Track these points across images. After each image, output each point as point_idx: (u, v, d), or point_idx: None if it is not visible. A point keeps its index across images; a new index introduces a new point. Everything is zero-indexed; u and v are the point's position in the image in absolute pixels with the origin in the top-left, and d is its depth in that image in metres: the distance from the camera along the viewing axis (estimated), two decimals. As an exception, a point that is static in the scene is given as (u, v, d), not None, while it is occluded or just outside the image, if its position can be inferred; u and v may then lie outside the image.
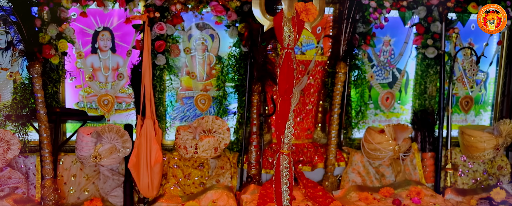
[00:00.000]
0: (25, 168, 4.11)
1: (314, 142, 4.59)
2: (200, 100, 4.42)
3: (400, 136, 4.22)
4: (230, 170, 4.27)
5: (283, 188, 2.88)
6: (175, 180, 4.20)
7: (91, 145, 3.83)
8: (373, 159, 4.37)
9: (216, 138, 4.05)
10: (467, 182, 4.65)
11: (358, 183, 4.42)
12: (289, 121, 2.85)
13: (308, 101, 4.55)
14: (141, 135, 3.87)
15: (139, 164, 3.86)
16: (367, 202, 4.09)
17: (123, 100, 4.35)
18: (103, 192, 4.12)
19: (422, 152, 4.64)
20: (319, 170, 4.51)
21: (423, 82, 4.66)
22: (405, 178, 4.48)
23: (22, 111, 4.00)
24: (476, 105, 4.94)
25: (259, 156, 4.30)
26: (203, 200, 4.00)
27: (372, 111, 4.75)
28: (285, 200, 2.89)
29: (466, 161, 4.66)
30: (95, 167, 4.14)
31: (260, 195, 4.01)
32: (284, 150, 2.88)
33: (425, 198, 4.20)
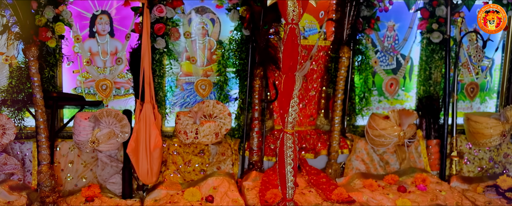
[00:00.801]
0: (21, 155, 4.00)
1: (317, 129, 4.50)
2: (201, 85, 4.32)
3: (405, 121, 4.13)
4: (231, 157, 4.18)
5: (287, 169, 2.78)
6: (175, 167, 4.10)
7: (88, 129, 3.73)
8: (377, 146, 4.28)
9: (217, 123, 3.96)
10: (473, 170, 4.56)
11: (362, 170, 4.32)
12: (293, 99, 2.75)
13: (310, 87, 4.46)
14: (140, 120, 3.77)
15: (138, 150, 3.76)
16: (371, 189, 3.99)
17: (122, 85, 4.26)
18: (101, 179, 4.01)
19: (427, 139, 4.55)
20: (322, 158, 4.42)
21: (427, 67, 4.58)
22: (410, 165, 4.39)
23: (18, 96, 3.90)
24: (482, 92, 4.85)
25: (261, 142, 4.20)
26: (204, 186, 3.91)
27: (376, 98, 4.66)
28: (289, 181, 2.80)
29: (471, 149, 4.57)
30: (93, 153, 4.04)
31: (262, 181, 3.91)
32: (288, 130, 2.78)
33: (431, 185, 4.11)
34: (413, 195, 3.91)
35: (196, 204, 3.67)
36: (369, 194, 3.89)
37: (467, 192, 4.16)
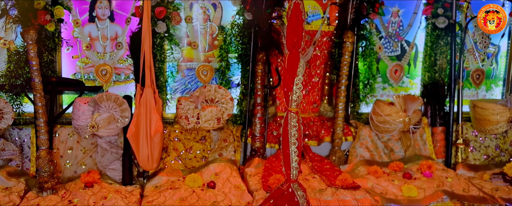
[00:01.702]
0: (19, 141, 3.94)
1: (321, 115, 4.43)
2: (202, 71, 4.25)
3: (410, 107, 4.06)
4: (233, 143, 4.11)
5: (292, 149, 2.71)
6: (176, 154, 4.03)
7: (88, 114, 3.66)
8: (382, 132, 4.21)
9: (219, 108, 3.88)
10: (478, 158, 4.48)
11: (366, 158, 4.25)
12: (297, 77, 2.68)
13: (314, 73, 4.39)
14: (141, 105, 3.70)
15: (138, 134, 3.68)
16: (376, 175, 3.91)
17: (122, 71, 4.19)
18: (100, 166, 3.94)
19: (432, 126, 4.48)
20: (326, 145, 4.35)
21: (433, 54, 4.50)
22: (415, 153, 4.32)
23: (16, 81, 3.83)
24: (487, 79, 4.78)
25: (263, 128, 4.13)
26: (206, 173, 3.83)
27: (380, 85, 4.59)
28: (293, 162, 2.72)
29: (477, 136, 4.50)
30: (92, 138, 3.96)
31: (265, 168, 3.84)
32: (292, 108, 2.71)
33: (437, 172, 4.03)
34: (419, 182, 3.83)
35: (198, 190, 3.60)
36: (374, 180, 3.82)
37: (473, 180, 4.08)
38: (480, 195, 3.73)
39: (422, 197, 3.65)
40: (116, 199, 3.43)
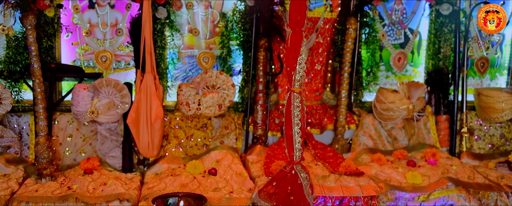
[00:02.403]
0: (18, 128, 3.89)
1: (323, 103, 4.37)
2: (203, 58, 4.20)
3: (414, 94, 4.00)
4: (235, 131, 4.05)
5: (295, 130, 2.65)
6: (177, 141, 3.98)
7: (87, 99, 3.61)
8: (385, 120, 4.15)
9: (220, 94, 3.83)
10: (483, 147, 4.42)
11: (370, 146, 4.19)
12: (301, 56, 2.63)
13: (316, 61, 4.33)
14: (141, 91, 3.65)
15: (139, 120, 3.63)
16: (380, 163, 3.86)
17: (122, 58, 4.14)
18: (100, 154, 3.88)
19: (436, 115, 4.42)
20: (329, 133, 4.29)
21: (437, 41, 4.45)
22: (419, 141, 4.26)
23: (15, 67, 3.78)
24: (492, 68, 4.72)
25: (265, 116, 4.07)
26: (207, 160, 3.78)
27: (383, 73, 4.53)
28: (296, 143, 2.67)
29: (482, 125, 4.44)
30: (92, 124, 3.91)
31: (267, 155, 3.78)
32: (295, 88, 2.66)
33: (441, 160, 3.97)
34: (423, 169, 3.78)
35: (199, 177, 3.54)
36: (377, 168, 3.76)
37: (478, 168, 4.02)
38: (485, 182, 3.68)
39: (426, 184, 3.59)
40: (116, 185, 3.37)
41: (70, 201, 3.18)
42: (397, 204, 3.56)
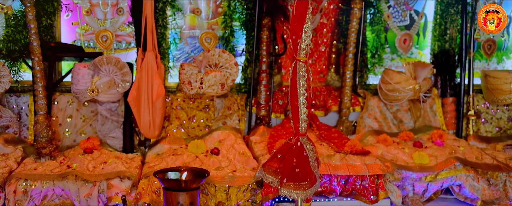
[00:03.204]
0: (17, 109, 3.82)
1: (328, 85, 4.30)
2: (206, 38, 4.13)
3: (421, 74, 3.93)
4: (238, 112, 3.98)
5: (300, 100, 2.57)
6: (179, 122, 3.90)
7: (88, 77, 3.54)
8: (391, 101, 4.07)
9: (223, 73, 3.76)
10: (490, 130, 4.34)
11: (375, 128, 4.11)
12: (306, 24, 2.55)
13: (320, 42, 4.26)
14: (142, 69, 3.58)
15: (140, 99, 3.56)
16: (385, 144, 3.78)
17: (123, 38, 4.07)
18: (101, 135, 3.81)
19: (442, 97, 4.34)
20: (333, 115, 4.22)
21: (443, 22, 4.37)
22: (425, 124, 4.18)
23: (14, 46, 3.71)
24: (499, 51, 4.64)
25: (268, 96, 4.00)
26: (209, 140, 3.71)
27: (388, 55, 4.46)
28: (302, 114, 2.59)
29: (489, 108, 4.36)
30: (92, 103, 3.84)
31: (271, 135, 3.71)
32: (301, 57, 2.58)
33: (448, 141, 3.89)
34: (430, 150, 3.70)
35: (201, 156, 3.47)
36: (383, 148, 3.68)
37: (485, 150, 3.94)
38: (494, 163, 3.60)
39: (434, 164, 3.51)
40: (116, 163, 3.29)
41: (69, 179, 3.11)
42: (404, 184, 3.49)
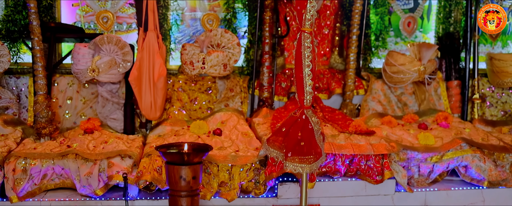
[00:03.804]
0: (16, 91, 3.77)
1: (331, 68, 4.24)
2: (208, 20, 4.08)
3: (425, 55, 3.88)
4: (240, 94, 3.93)
5: (305, 72, 2.52)
6: (180, 104, 3.85)
7: (88, 57, 3.49)
8: (395, 83, 4.01)
9: (226, 53, 3.70)
10: (495, 114, 4.29)
11: (379, 111, 4.06)
12: (311, -6, 2.50)
13: (324, 24, 4.21)
14: (143, 49, 3.53)
15: (141, 79, 3.51)
16: (390, 125, 3.72)
17: (124, 20, 4.02)
18: (101, 117, 3.76)
19: (447, 81, 4.29)
20: (337, 98, 4.17)
21: (447, 5, 4.32)
22: (430, 107, 4.13)
23: (13, 26, 3.66)
24: (504, 35, 4.59)
25: (271, 78, 3.95)
26: (211, 121, 3.65)
27: (392, 39, 4.41)
28: (307, 86, 2.54)
29: (494, 92, 4.31)
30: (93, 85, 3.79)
31: (273, 117, 3.65)
32: (306, 28, 2.53)
33: (453, 123, 3.84)
34: (436, 131, 3.64)
35: (203, 136, 3.41)
36: (388, 130, 3.63)
37: (491, 133, 3.89)
38: (500, 144, 3.55)
39: (439, 145, 3.45)
40: (117, 143, 3.24)
41: (69, 158, 3.05)
42: (409, 165, 3.43)
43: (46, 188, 3.10)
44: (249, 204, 3.17)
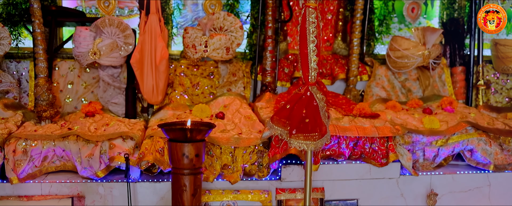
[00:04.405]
0: (17, 75, 3.74)
1: (334, 53, 4.20)
2: (210, 5, 4.04)
3: (430, 39, 3.83)
4: (243, 79, 3.89)
5: (310, 47, 2.49)
6: (182, 89, 3.81)
7: (89, 39, 3.45)
8: (399, 68, 3.97)
9: (228, 36, 3.67)
10: (500, 101, 4.25)
11: (383, 97, 4.02)
12: (316, -32, 2.47)
13: (327, 9, 4.17)
14: (145, 32, 3.49)
15: (143, 62, 3.47)
16: (395, 110, 3.68)
17: (126, 5, 3.99)
18: (102, 101, 3.72)
19: (452, 67, 4.25)
20: (340, 84, 4.12)
21: (452, -11, 4.30)
22: (434, 93, 4.09)
23: (14, 10, 3.63)
24: (509, 22, 4.55)
25: (274, 63, 3.91)
26: (214, 105, 3.61)
27: (396, 25, 4.36)
28: (312, 62, 2.50)
29: (499, 79, 4.27)
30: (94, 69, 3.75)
31: (276, 101, 3.60)
32: (310, 3, 2.49)
33: (458, 108, 3.79)
34: (441, 116, 3.59)
35: (206, 119, 3.37)
36: (392, 114, 3.58)
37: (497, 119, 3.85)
38: (506, 128, 3.50)
39: (445, 128, 3.41)
40: (119, 125, 3.20)
41: (70, 139, 3.02)
42: (414, 149, 3.39)
43: (47, 171, 3.06)
44: (253, 186, 3.13)
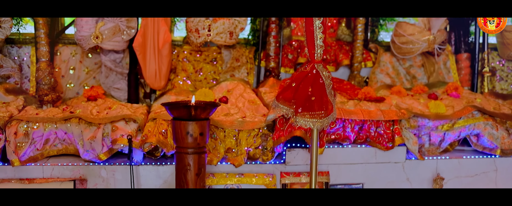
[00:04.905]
0: (18, 60, 3.70)
1: (338, 39, 4.17)
2: (213, -10, 4.01)
3: (435, 24, 3.79)
4: (246, 65, 3.85)
5: (316, 24, 2.45)
6: (185, 75, 3.78)
7: (91, 23, 3.41)
8: (404, 55, 3.93)
9: (231, 21, 3.63)
10: (506, 88, 4.21)
11: (388, 83, 3.98)
12: None
13: (330, -4, 4.13)
14: (148, 16, 3.46)
15: (146, 46, 3.44)
16: (400, 95, 3.64)
17: (128, -10, 3.94)
18: (105, 87, 3.68)
19: (456, 53, 4.21)
20: (344, 71, 4.09)
21: (457, -24, 4.25)
22: (439, 79, 4.05)
23: (16, -5, 3.59)
24: (513, 10, 4.52)
25: (278, 48, 3.87)
26: (217, 90, 3.58)
27: (400, 12, 4.32)
28: (318, 39, 2.46)
29: (504, 66, 4.23)
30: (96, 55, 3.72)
31: (280, 86, 3.57)
32: (316, -21, 2.46)
33: (464, 94, 3.75)
34: (447, 101, 3.56)
35: (210, 104, 3.34)
36: (398, 99, 3.55)
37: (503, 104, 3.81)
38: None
39: (450, 113, 3.37)
40: (121, 108, 3.16)
41: (72, 122, 2.98)
42: (419, 133, 3.35)
43: (48, 154, 3.02)
44: (257, 170, 3.09)
